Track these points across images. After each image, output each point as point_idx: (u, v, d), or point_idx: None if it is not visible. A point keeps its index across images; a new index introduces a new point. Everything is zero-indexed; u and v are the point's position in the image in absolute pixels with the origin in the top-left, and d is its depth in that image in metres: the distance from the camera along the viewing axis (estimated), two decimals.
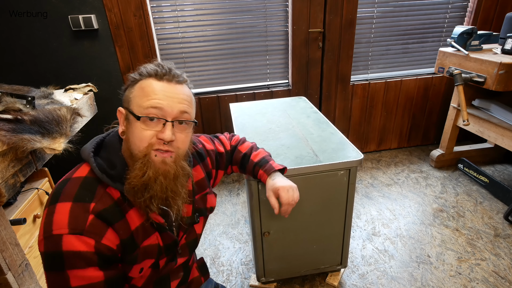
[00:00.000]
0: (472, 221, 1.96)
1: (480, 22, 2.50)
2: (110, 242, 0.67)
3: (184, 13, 2.20)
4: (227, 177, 2.59)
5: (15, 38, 1.98)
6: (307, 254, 1.48)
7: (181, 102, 0.71)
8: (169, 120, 0.70)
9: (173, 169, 0.71)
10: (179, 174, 0.73)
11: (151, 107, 0.68)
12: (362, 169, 2.61)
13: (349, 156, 1.30)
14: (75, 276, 0.62)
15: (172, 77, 0.72)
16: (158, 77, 0.71)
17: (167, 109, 0.69)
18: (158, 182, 0.69)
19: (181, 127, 0.73)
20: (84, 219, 0.64)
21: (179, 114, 0.71)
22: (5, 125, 1.07)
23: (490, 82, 1.87)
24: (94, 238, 0.64)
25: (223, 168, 1.06)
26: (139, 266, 0.74)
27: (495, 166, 2.55)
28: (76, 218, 0.64)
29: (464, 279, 1.57)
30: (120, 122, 0.74)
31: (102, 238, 0.65)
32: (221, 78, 2.44)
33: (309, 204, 1.34)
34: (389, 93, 2.65)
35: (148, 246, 0.75)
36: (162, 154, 0.70)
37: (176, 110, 0.70)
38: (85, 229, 0.63)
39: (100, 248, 0.64)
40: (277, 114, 1.82)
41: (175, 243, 0.81)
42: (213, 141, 1.04)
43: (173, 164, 0.72)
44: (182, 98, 0.72)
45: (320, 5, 2.26)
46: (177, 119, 0.71)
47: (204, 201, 0.91)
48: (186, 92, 0.74)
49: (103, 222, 0.66)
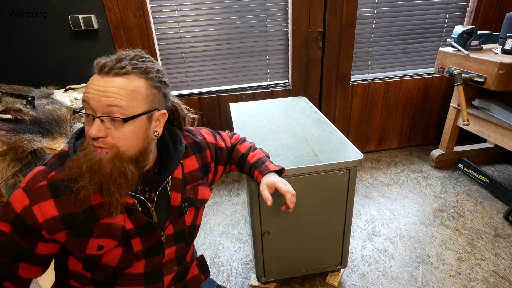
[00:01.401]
0: (472, 221, 1.96)
1: (480, 22, 2.50)
2: (40, 213, 0.69)
3: (184, 13, 2.20)
4: (227, 177, 2.59)
5: (15, 38, 1.99)
6: (307, 254, 1.48)
7: (107, 95, 0.66)
8: (97, 115, 0.67)
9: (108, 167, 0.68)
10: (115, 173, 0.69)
11: (83, 100, 0.68)
12: (362, 169, 2.61)
13: (349, 156, 1.30)
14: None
15: (111, 68, 0.67)
16: (99, 69, 0.68)
17: (93, 103, 0.66)
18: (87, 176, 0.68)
19: (115, 123, 0.68)
20: (37, 182, 0.70)
21: (105, 109, 0.66)
22: (5, 125, 1.07)
23: (490, 82, 1.87)
24: (30, 200, 0.68)
25: (222, 164, 1.05)
26: (96, 242, 0.72)
27: (495, 166, 2.55)
28: (34, 179, 0.70)
29: (464, 279, 1.57)
30: None
31: (34, 205, 0.68)
32: (221, 78, 2.44)
33: (309, 204, 1.34)
34: (389, 93, 2.65)
35: (110, 225, 0.73)
36: (99, 150, 0.69)
37: (101, 104, 0.66)
38: (31, 189, 0.69)
39: (26, 212, 0.68)
40: (277, 114, 1.82)
41: (149, 225, 0.78)
42: (214, 136, 1.03)
43: (110, 163, 0.68)
44: (110, 91, 0.66)
45: (320, 5, 2.27)
46: (107, 115, 0.66)
47: (195, 192, 0.90)
48: (119, 85, 0.67)
49: (50, 192, 0.70)
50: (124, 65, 0.68)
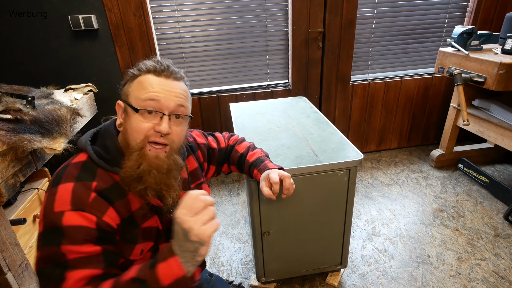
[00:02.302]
0: (472, 221, 1.96)
1: (480, 22, 2.50)
2: (111, 220, 0.68)
3: (184, 13, 2.20)
4: (227, 177, 2.59)
5: (15, 38, 1.98)
6: (307, 254, 1.48)
7: (177, 96, 0.74)
8: (166, 113, 0.72)
9: (166, 164, 0.73)
10: (172, 168, 0.75)
11: (149, 99, 0.71)
12: (362, 169, 2.61)
13: (349, 156, 1.30)
14: (71, 251, 0.62)
15: (170, 73, 0.74)
16: (157, 72, 0.74)
17: (164, 102, 0.72)
18: (152, 175, 0.71)
19: (177, 121, 0.75)
20: (86, 196, 0.66)
21: (175, 108, 0.74)
22: (5, 125, 1.07)
23: (490, 82, 1.87)
24: (96, 215, 0.65)
25: (214, 164, 1.07)
26: (140, 247, 0.76)
27: (495, 166, 2.55)
28: (78, 196, 0.65)
29: (464, 279, 1.57)
30: (118, 115, 0.77)
31: (103, 215, 0.66)
32: (221, 78, 2.44)
33: (309, 204, 1.34)
34: (389, 93, 2.65)
35: (148, 228, 0.76)
36: (156, 149, 0.72)
37: (173, 104, 0.73)
38: (87, 205, 0.65)
39: (101, 224, 0.66)
40: (277, 114, 1.82)
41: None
42: (206, 136, 1.07)
43: (166, 159, 0.74)
44: (179, 92, 0.75)
45: (320, 5, 2.27)
46: (174, 113, 0.74)
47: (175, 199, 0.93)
48: (183, 88, 0.77)
49: (105, 200, 0.68)
50: (178, 71, 0.77)
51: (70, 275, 0.60)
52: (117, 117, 0.77)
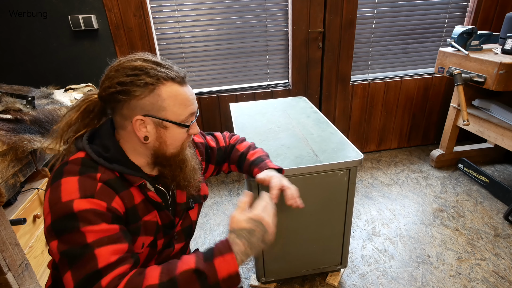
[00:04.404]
0: (472, 221, 1.96)
1: (480, 22, 2.50)
2: (119, 207, 0.69)
3: (184, 13, 2.20)
4: (227, 177, 2.59)
5: (15, 38, 1.98)
6: (307, 254, 1.48)
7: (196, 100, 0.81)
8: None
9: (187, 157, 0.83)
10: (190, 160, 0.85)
11: (190, 114, 0.77)
12: (362, 169, 2.61)
13: (349, 156, 1.30)
14: (91, 231, 0.62)
15: (183, 78, 0.76)
16: (178, 82, 0.74)
17: (195, 109, 0.79)
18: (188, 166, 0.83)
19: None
20: (93, 185, 0.67)
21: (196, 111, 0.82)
22: (5, 125, 1.07)
23: (490, 82, 1.87)
24: (105, 201, 0.66)
25: (213, 163, 1.08)
26: (142, 240, 0.76)
27: (495, 166, 2.55)
28: (85, 185, 0.66)
29: (464, 279, 1.57)
30: (136, 129, 0.72)
31: (112, 202, 0.68)
32: (221, 78, 2.44)
33: (309, 204, 1.34)
34: (389, 93, 2.65)
35: (148, 222, 0.78)
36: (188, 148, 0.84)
37: (197, 108, 0.81)
38: (96, 193, 0.66)
39: (111, 209, 0.67)
40: (277, 114, 1.82)
41: (172, 224, 0.84)
42: (204, 136, 1.08)
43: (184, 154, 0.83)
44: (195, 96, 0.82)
45: (320, 5, 2.27)
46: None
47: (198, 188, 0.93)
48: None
49: (111, 189, 0.69)
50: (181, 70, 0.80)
51: (98, 252, 0.62)
52: (136, 131, 0.72)
